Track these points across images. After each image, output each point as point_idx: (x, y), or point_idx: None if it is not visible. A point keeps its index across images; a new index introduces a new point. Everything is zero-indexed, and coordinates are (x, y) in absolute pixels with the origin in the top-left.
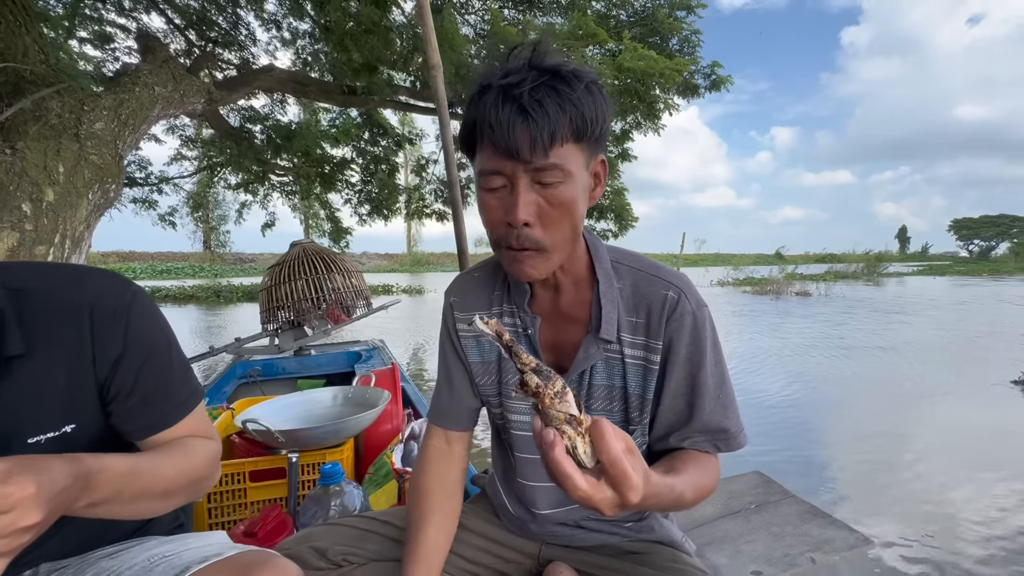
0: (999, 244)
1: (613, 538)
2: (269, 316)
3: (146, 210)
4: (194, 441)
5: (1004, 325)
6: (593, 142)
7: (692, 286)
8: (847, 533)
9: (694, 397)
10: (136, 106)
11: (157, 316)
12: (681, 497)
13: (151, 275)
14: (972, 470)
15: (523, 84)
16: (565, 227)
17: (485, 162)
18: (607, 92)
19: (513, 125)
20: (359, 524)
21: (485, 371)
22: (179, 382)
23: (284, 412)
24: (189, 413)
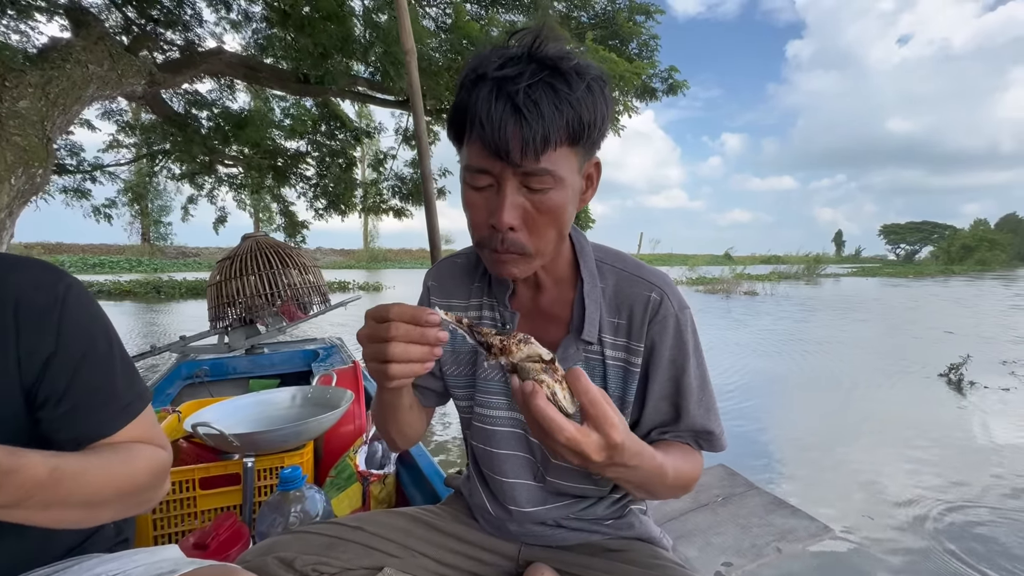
0: (922, 248)
1: (593, 536)
2: (218, 312)
3: (78, 200)
4: (138, 447)
5: (931, 322)
6: (589, 145)
7: (674, 287)
8: (809, 522)
9: (678, 399)
10: (67, 85)
11: (96, 311)
12: (662, 469)
13: (82, 269)
14: (901, 454)
15: (520, 79)
16: (551, 233)
17: (472, 158)
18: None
19: (504, 125)
20: (328, 531)
21: (455, 361)
22: (123, 384)
23: (238, 414)
24: (134, 418)
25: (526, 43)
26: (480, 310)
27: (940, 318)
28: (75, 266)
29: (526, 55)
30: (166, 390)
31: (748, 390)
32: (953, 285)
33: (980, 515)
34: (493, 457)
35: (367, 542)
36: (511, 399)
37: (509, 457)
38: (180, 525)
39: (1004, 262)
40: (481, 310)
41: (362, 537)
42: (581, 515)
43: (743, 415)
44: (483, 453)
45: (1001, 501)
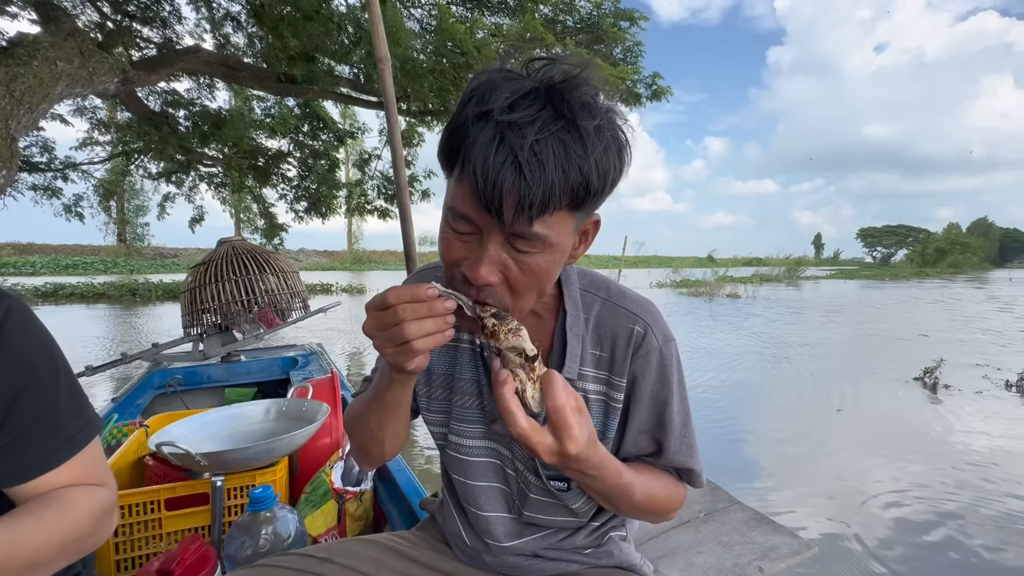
0: (898, 251)
1: (571, 566)
2: (192, 319)
3: (48, 199)
4: (74, 493)
5: (908, 324)
6: (592, 207)
7: (659, 317)
8: (791, 539)
9: (659, 435)
10: (34, 82)
11: (39, 335)
12: (629, 487)
13: (54, 270)
14: (876, 455)
15: (527, 130)
16: (531, 293)
17: (458, 200)
18: (628, 152)
19: (501, 181)
20: (293, 564)
21: (428, 382)
22: (68, 413)
23: (207, 430)
24: (79, 450)
25: (547, 81)
26: (458, 331)
27: (916, 320)
28: (47, 267)
29: (543, 94)
30: (136, 401)
31: (729, 393)
32: (928, 287)
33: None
34: (469, 489)
35: (336, 574)
36: (487, 427)
37: (485, 489)
38: (144, 548)
39: (975, 264)
40: (459, 331)
41: (330, 570)
42: (559, 545)
43: (725, 418)
44: (459, 484)
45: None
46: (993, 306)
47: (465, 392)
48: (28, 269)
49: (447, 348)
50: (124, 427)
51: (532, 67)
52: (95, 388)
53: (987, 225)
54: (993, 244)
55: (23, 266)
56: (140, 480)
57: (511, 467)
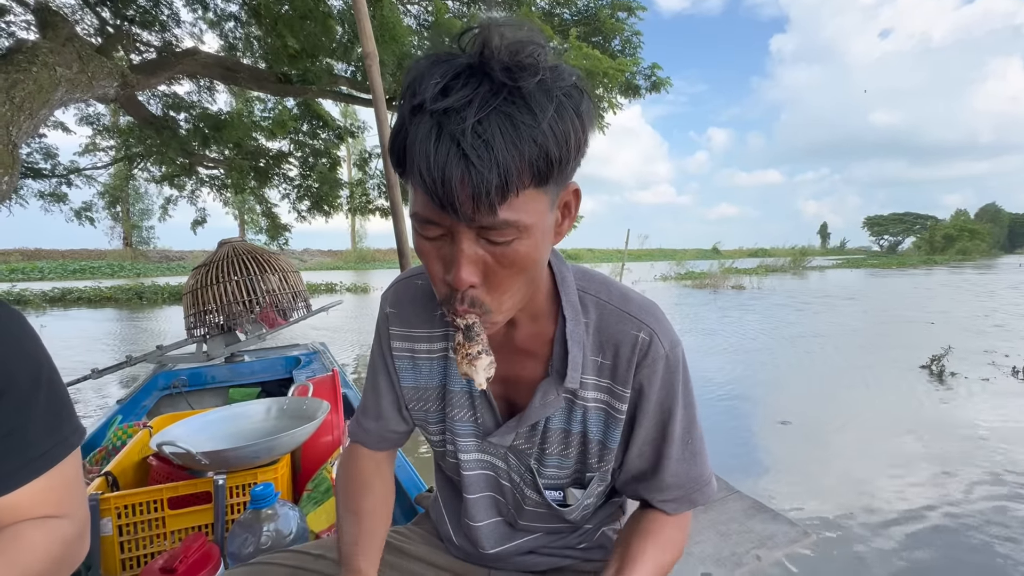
0: (905, 239)
1: (564, 561)
2: (196, 321)
3: (55, 204)
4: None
5: (914, 312)
6: (563, 177)
7: (664, 322)
8: (788, 527)
9: (663, 445)
10: (33, 88)
11: (24, 345)
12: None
13: (61, 275)
14: (885, 448)
15: (467, 112)
16: (519, 285)
17: (418, 205)
18: (588, 102)
19: (449, 175)
20: (288, 560)
21: (421, 397)
22: (42, 430)
23: (209, 429)
24: (49, 470)
25: (476, 48)
26: (446, 341)
27: (923, 308)
28: (54, 272)
29: (477, 69)
30: (142, 402)
31: (733, 385)
32: (936, 274)
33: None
34: (462, 501)
35: (331, 571)
36: (481, 439)
37: (478, 500)
38: (148, 547)
39: (984, 251)
40: (447, 341)
41: (325, 566)
42: (551, 543)
43: (729, 409)
44: (454, 495)
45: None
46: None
47: (457, 404)
48: (36, 274)
49: (439, 360)
50: (128, 428)
51: (463, 41)
52: (103, 390)
53: (996, 211)
54: (1002, 230)
55: (31, 271)
56: (144, 480)
57: (506, 479)
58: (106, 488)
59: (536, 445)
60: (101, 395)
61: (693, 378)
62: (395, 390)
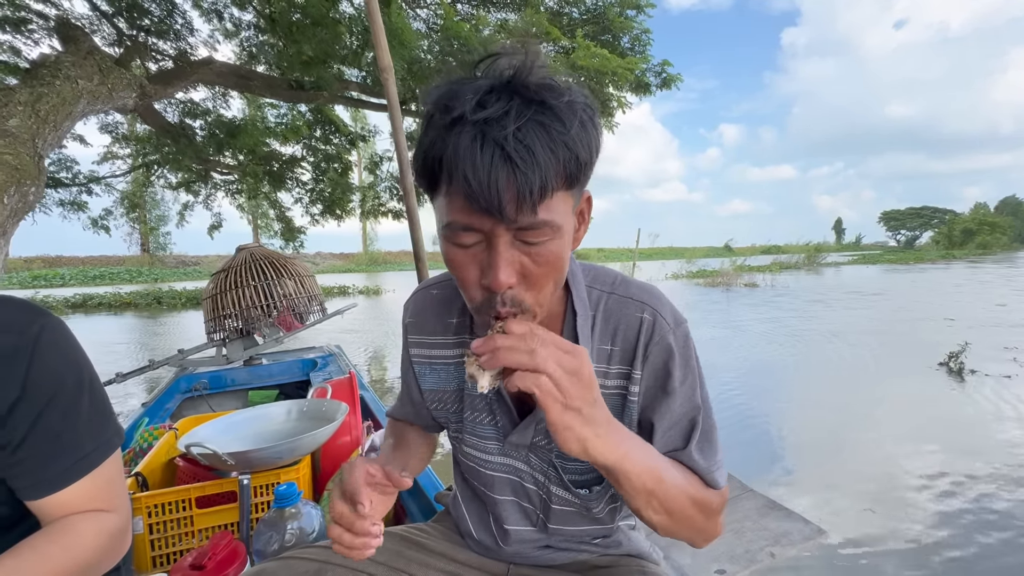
0: (923, 234)
1: (581, 555)
2: (215, 325)
3: (75, 212)
4: (81, 525)
5: (932, 308)
6: (583, 182)
7: (666, 301)
8: (802, 525)
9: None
10: (57, 101)
11: (69, 352)
12: (656, 467)
13: (82, 281)
14: (904, 445)
15: (506, 121)
16: (552, 284)
17: (454, 213)
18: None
19: (496, 177)
20: (316, 556)
21: (440, 399)
22: (86, 433)
23: (233, 431)
24: (94, 469)
25: (503, 73)
26: (461, 347)
27: (941, 304)
28: (75, 278)
29: (506, 88)
30: (165, 405)
31: (747, 383)
32: (955, 270)
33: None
34: (492, 501)
35: (356, 565)
36: (502, 442)
37: (506, 504)
38: (177, 545)
39: (1005, 245)
40: (463, 347)
41: (350, 560)
42: (569, 537)
43: (744, 409)
44: (473, 493)
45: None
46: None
47: (476, 408)
48: (58, 281)
49: (455, 365)
50: (155, 430)
51: (480, 68)
52: (127, 392)
53: (1016, 203)
54: (1023, 223)
55: (53, 278)
56: (171, 480)
57: (530, 481)
58: (136, 488)
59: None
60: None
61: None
62: (419, 390)
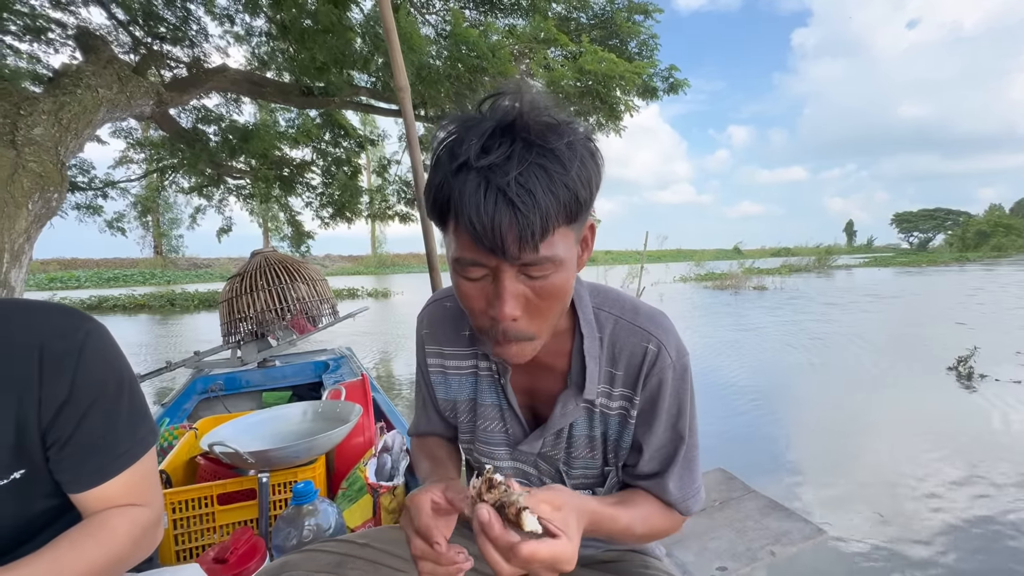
0: (936, 236)
1: (587, 550)
2: (231, 328)
3: (90, 216)
4: (116, 518)
5: (943, 312)
6: (585, 215)
7: (672, 332)
8: (803, 525)
9: (673, 451)
10: (79, 110)
11: (111, 355)
12: (628, 529)
13: (97, 283)
14: (914, 450)
15: (508, 167)
16: (555, 312)
17: (462, 250)
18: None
19: (498, 221)
20: (337, 548)
21: (453, 409)
22: (125, 431)
23: (251, 431)
24: (132, 465)
25: (507, 114)
26: (475, 359)
27: (952, 308)
28: (90, 280)
29: (508, 131)
30: (183, 405)
31: (755, 387)
32: (968, 272)
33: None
34: None
35: (374, 558)
36: (512, 448)
37: None
38: (200, 540)
39: (1021, 247)
40: (476, 359)
41: (370, 553)
42: None
43: (750, 413)
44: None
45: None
46: None
47: (488, 417)
48: (74, 283)
49: (468, 375)
50: (175, 429)
51: (484, 107)
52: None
53: None
54: None
55: (69, 280)
56: (193, 478)
57: (537, 484)
58: (161, 485)
59: (563, 451)
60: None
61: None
62: (435, 403)
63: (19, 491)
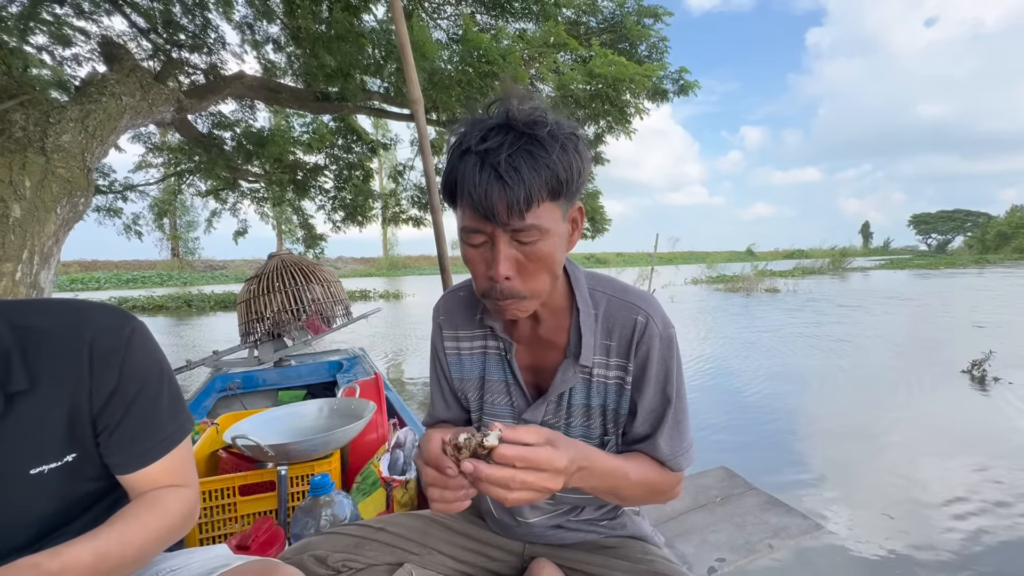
0: (955, 238)
1: (590, 535)
2: (248, 328)
3: (110, 218)
4: (167, 496)
5: (961, 315)
6: (570, 196)
7: (658, 308)
8: (801, 520)
9: (662, 413)
10: (104, 117)
11: (153, 350)
12: (621, 470)
13: (116, 285)
14: (928, 454)
15: (500, 150)
16: (543, 277)
17: (466, 220)
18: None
19: (491, 192)
20: (355, 532)
21: (464, 388)
22: (167, 417)
23: (270, 426)
24: (173, 448)
25: (502, 113)
26: (485, 339)
27: (971, 311)
28: (110, 282)
29: (504, 125)
30: (203, 403)
31: (768, 390)
32: (988, 275)
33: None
34: None
35: (390, 541)
36: (517, 419)
37: None
38: (223, 528)
39: None
40: (485, 339)
41: (385, 537)
42: (579, 518)
43: (763, 417)
44: None
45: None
46: None
47: (495, 391)
48: (94, 284)
49: (479, 355)
50: (196, 425)
51: (491, 110)
52: None
53: None
54: None
55: (89, 281)
56: (215, 471)
57: None
58: None
59: (562, 419)
60: None
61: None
62: (448, 380)
63: (70, 473)
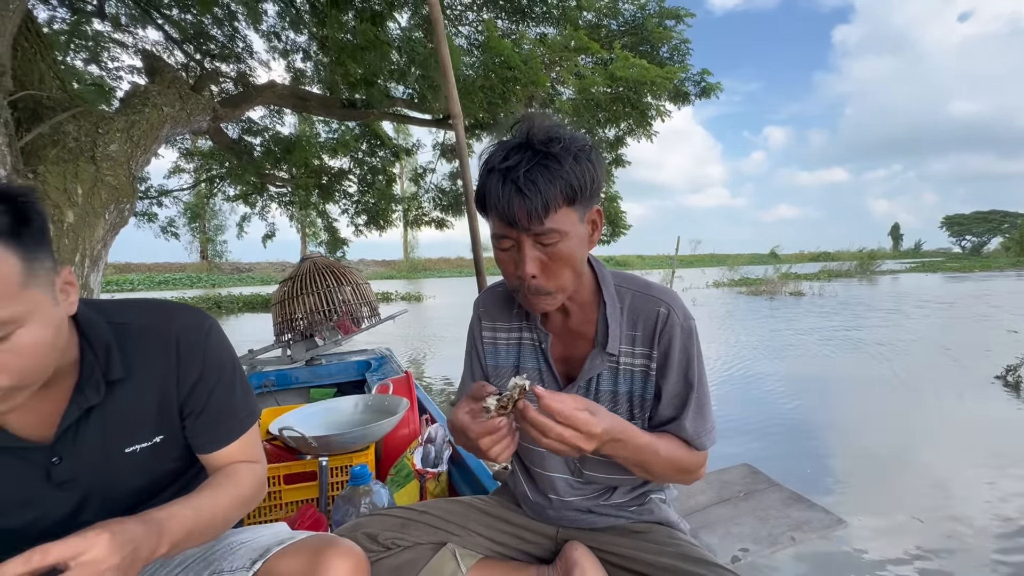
0: (991, 240)
1: (619, 520)
2: (282, 328)
3: (146, 222)
4: (242, 469)
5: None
6: (586, 200)
7: (680, 301)
8: (824, 515)
9: (686, 397)
10: (147, 127)
11: (227, 345)
12: (654, 451)
13: (149, 286)
14: (960, 460)
15: (519, 167)
16: (566, 274)
17: (495, 227)
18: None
19: (512, 203)
20: (402, 514)
21: (499, 375)
22: (240, 403)
23: (310, 420)
24: (246, 432)
25: (523, 133)
26: (520, 332)
27: (1005, 315)
28: (143, 283)
29: (524, 144)
30: None
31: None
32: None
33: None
34: (535, 453)
35: (433, 523)
36: None
37: (549, 454)
38: (269, 515)
39: None
40: (521, 332)
41: (429, 519)
42: (608, 502)
43: (791, 422)
44: (526, 450)
45: None
46: None
47: (530, 379)
48: (128, 286)
49: (514, 345)
50: None
51: (515, 130)
52: None
53: None
54: None
55: (124, 283)
56: None
57: None
58: None
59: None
60: None
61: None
62: (483, 366)
63: (156, 453)
